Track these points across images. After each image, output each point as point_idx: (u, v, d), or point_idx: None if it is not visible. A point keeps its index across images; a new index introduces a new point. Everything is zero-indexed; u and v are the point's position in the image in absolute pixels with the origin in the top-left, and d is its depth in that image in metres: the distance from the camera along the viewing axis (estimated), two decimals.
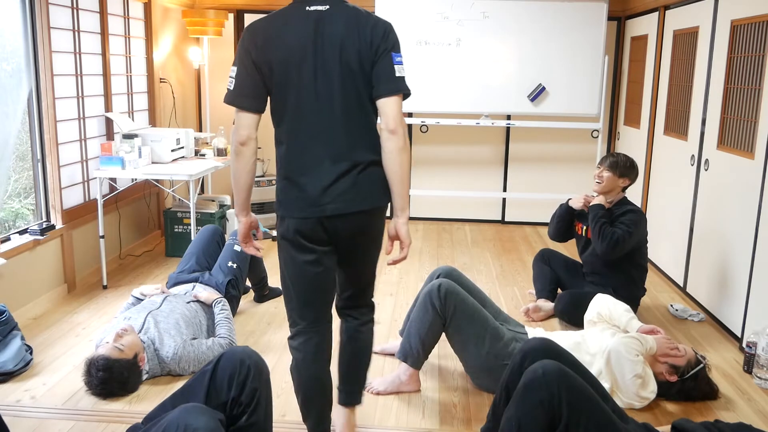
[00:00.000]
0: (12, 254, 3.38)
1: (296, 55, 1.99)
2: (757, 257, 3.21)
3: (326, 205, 2.02)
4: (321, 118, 2.01)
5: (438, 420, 2.60)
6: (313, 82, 2.00)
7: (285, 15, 2.04)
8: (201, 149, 4.67)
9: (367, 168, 2.05)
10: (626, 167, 3.50)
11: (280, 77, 2.01)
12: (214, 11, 5.25)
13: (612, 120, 5.82)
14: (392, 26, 2.11)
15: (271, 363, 3.05)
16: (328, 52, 1.99)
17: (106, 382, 2.64)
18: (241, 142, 2.05)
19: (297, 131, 2.04)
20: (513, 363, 2.28)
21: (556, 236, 3.82)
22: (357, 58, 2.00)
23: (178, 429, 1.71)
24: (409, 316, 2.98)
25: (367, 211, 2.07)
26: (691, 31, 4.16)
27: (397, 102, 2.03)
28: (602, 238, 3.38)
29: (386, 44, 2.03)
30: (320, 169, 2.02)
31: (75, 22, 3.93)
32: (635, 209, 3.47)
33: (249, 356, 1.97)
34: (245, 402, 1.92)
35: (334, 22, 2.01)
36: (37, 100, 3.64)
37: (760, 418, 2.68)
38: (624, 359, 2.64)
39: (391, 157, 2.03)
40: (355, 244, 2.11)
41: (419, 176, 5.94)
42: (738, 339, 3.37)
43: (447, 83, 5.42)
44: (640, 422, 2.22)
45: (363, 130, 2.05)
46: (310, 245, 2.07)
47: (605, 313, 3.06)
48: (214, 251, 3.58)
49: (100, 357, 2.64)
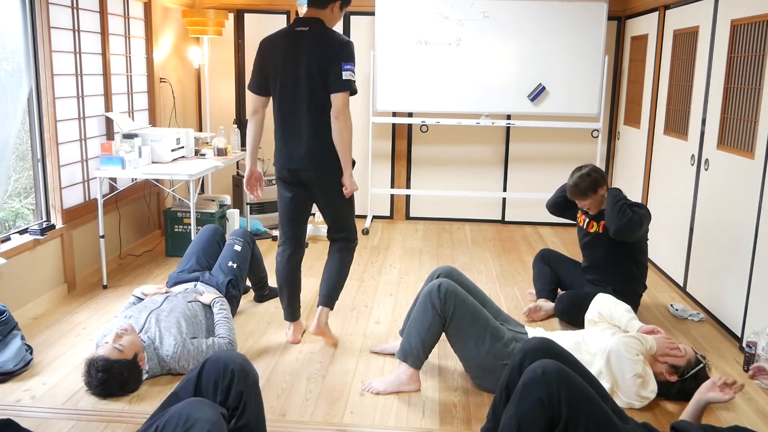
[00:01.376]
0: (12, 254, 3.38)
1: (282, 64, 2.96)
2: (757, 257, 3.21)
3: (296, 162, 3.03)
4: (296, 109, 2.99)
5: (438, 420, 2.60)
6: (291, 85, 2.96)
7: (283, 33, 2.99)
8: (201, 149, 4.67)
9: (323, 144, 2.98)
10: (592, 182, 3.47)
11: (273, 79, 3.01)
12: (214, 11, 5.25)
13: (612, 120, 5.82)
14: (350, 44, 2.95)
15: (271, 363, 3.05)
16: (302, 63, 2.92)
17: (106, 383, 2.64)
18: (251, 113, 3.14)
19: (282, 117, 3.04)
20: (513, 363, 2.29)
21: (553, 207, 3.84)
22: (318, 67, 2.90)
23: (180, 419, 1.73)
24: (409, 316, 2.99)
25: (319, 169, 3.03)
26: (691, 30, 4.16)
27: (342, 97, 2.91)
28: (622, 215, 3.34)
29: (339, 57, 2.89)
30: (295, 142, 3.02)
31: (75, 22, 3.93)
32: (643, 205, 3.48)
33: (233, 360, 1.98)
34: (232, 406, 1.93)
35: (309, 41, 2.92)
36: (37, 99, 3.64)
37: (760, 418, 2.69)
38: (624, 359, 2.64)
39: (336, 134, 2.96)
40: (319, 189, 3.09)
41: (419, 176, 5.95)
42: (738, 339, 3.38)
43: (447, 83, 5.42)
44: (640, 422, 2.22)
45: (321, 119, 2.96)
46: (289, 185, 3.11)
47: (606, 313, 3.07)
48: (214, 251, 3.58)
49: (99, 357, 2.64)
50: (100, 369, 2.62)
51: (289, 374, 2.94)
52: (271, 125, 3.08)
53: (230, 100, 5.88)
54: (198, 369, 1.98)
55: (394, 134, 5.88)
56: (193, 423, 1.71)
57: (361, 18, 5.67)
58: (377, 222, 5.80)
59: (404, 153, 5.89)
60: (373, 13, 5.46)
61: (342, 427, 2.53)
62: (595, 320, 3.11)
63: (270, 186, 5.50)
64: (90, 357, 2.67)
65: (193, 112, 5.81)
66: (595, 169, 3.51)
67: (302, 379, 2.91)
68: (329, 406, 2.67)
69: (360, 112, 5.80)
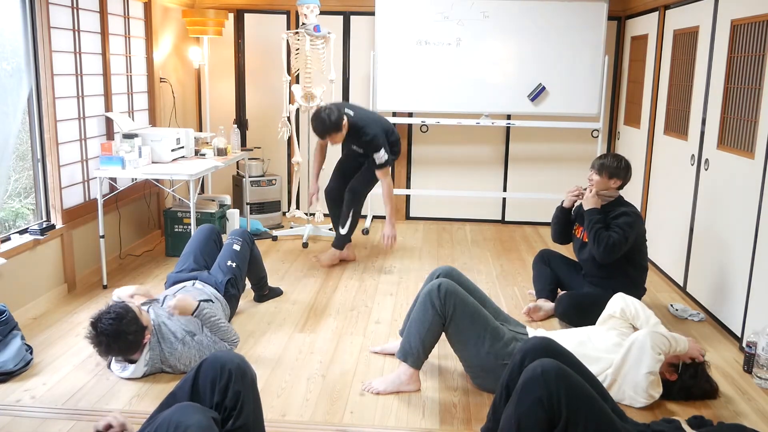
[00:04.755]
0: (12, 254, 3.38)
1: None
2: (757, 257, 3.21)
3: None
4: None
5: (438, 420, 2.60)
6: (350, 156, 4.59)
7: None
8: (201, 149, 4.66)
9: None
10: (614, 168, 3.48)
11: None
12: (214, 11, 5.25)
13: (612, 120, 5.82)
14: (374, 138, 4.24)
15: (272, 363, 3.05)
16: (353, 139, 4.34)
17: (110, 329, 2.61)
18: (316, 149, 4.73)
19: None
20: (513, 362, 2.29)
21: (557, 238, 3.82)
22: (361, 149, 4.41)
23: (170, 426, 1.72)
24: (409, 316, 2.99)
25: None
26: (691, 30, 4.16)
27: (381, 172, 4.33)
28: (598, 244, 3.38)
29: (369, 149, 4.29)
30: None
31: (75, 22, 3.93)
32: (629, 211, 3.44)
33: (230, 360, 1.98)
34: (230, 406, 1.92)
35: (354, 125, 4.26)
36: (37, 99, 3.64)
37: (760, 417, 2.68)
38: (647, 353, 2.62)
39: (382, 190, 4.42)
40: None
41: (419, 176, 5.95)
42: (738, 339, 3.38)
43: (447, 83, 5.42)
44: (640, 422, 2.22)
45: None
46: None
47: (631, 312, 2.99)
48: (211, 250, 3.58)
49: (121, 303, 2.67)
50: (114, 315, 2.63)
51: (289, 374, 2.94)
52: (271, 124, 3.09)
53: (230, 100, 5.88)
54: (195, 369, 1.97)
55: None
56: (184, 430, 1.71)
57: (361, 18, 5.67)
58: (377, 222, 5.80)
59: (404, 153, 5.89)
60: (373, 13, 5.46)
61: (342, 427, 2.53)
62: (615, 317, 3.01)
63: (270, 186, 5.51)
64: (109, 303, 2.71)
65: (193, 112, 5.81)
66: (625, 164, 3.50)
67: (302, 379, 2.91)
68: (329, 406, 2.67)
69: None
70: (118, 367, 2.87)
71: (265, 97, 5.83)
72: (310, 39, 4.83)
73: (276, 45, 5.60)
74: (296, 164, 5.16)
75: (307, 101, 4.98)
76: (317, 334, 3.40)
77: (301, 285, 4.14)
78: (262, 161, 5.52)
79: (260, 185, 5.44)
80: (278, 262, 4.58)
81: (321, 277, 4.29)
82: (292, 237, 5.23)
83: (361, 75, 5.76)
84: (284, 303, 3.82)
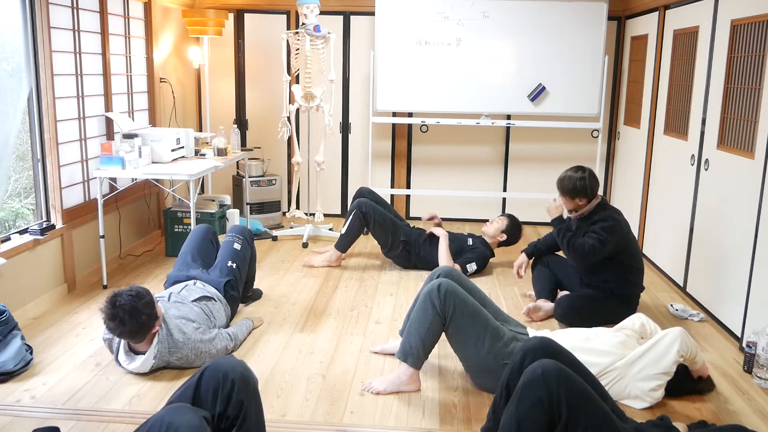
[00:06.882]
0: (12, 254, 3.38)
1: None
2: (757, 257, 3.21)
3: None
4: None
5: (438, 420, 2.60)
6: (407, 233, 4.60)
7: None
8: (201, 149, 4.66)
9: None
10: (571, 190, 3.46)
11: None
12: (214, 11, 5.25)
13: (612, 120, 5.82)
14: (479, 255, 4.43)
15: (271, 363, 3.05)
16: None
17: (127, 305, 2.62)
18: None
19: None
20: (513, 362, 2.29)
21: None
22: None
23: (162, 426, 1.71)
24: (409, 316, 2.99)
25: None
26: (691, 30, 4.16)
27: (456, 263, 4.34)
28: (572, 251, 3.39)
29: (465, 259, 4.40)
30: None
31: (75, 22, 3.93)
32: (608, 216, 3.42)
33: (233, 368, 1.95)
34: (233, 415, 1.91)
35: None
36: (37, 99, 3.64)
37: (759, 417, 2.69)
38: (672, 352, 2.61)
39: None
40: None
41: (419, 176, 5.95)
42: (738, 339, 3.38)
43: (447, 83, 5.42)
44: (640, 422, 2.22)
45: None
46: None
47: (650, 328, 2.94)
48: (208, 249, 3.58)
49: (142, 287, 2.70)
50: (135, 293, 2.65)
51: (289, 374, 2.95)
52: (271, 124, 3.07)
53: (230, 100, 5.88)
54: (197, 376, 1.96)
55: (394, 134, 5.89)
56: (176, 429, 1.70)
57: (361, 18, 5.67)
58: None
59: (404, 153, 5.90)
60: (373, 13, 5.46)
61: (342, 427, 2.53)
62: (634, 328, 2.93)
63: (270, 186, 5.51)
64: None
65: (193, 112, 5.81)
66: (588, 178, 3.44)
67: (302, 379, 2.91)
68: (329, 406, 2.67)
69: (360, 112, 5.80)
70: (125, 359, 2.85)
71: (265, 97, 5.83)
72: (310, 39, 4.83)
73: (276, 45, 5.60)
74: (296, 164, 5.16)
75: (307, 101, 4.98)
76: (317, 334, 3.40)
77: (301, 285, 4.14)
78: (262, 161, 5.52)
79: (260, 185, 5.44)
80: (278, 262, 4.58)
81: (321, 278, 4.29)
82: (292, 237, 5.23)
83: (361, 75, 5.76)
84: (284, 303, 3.82)
